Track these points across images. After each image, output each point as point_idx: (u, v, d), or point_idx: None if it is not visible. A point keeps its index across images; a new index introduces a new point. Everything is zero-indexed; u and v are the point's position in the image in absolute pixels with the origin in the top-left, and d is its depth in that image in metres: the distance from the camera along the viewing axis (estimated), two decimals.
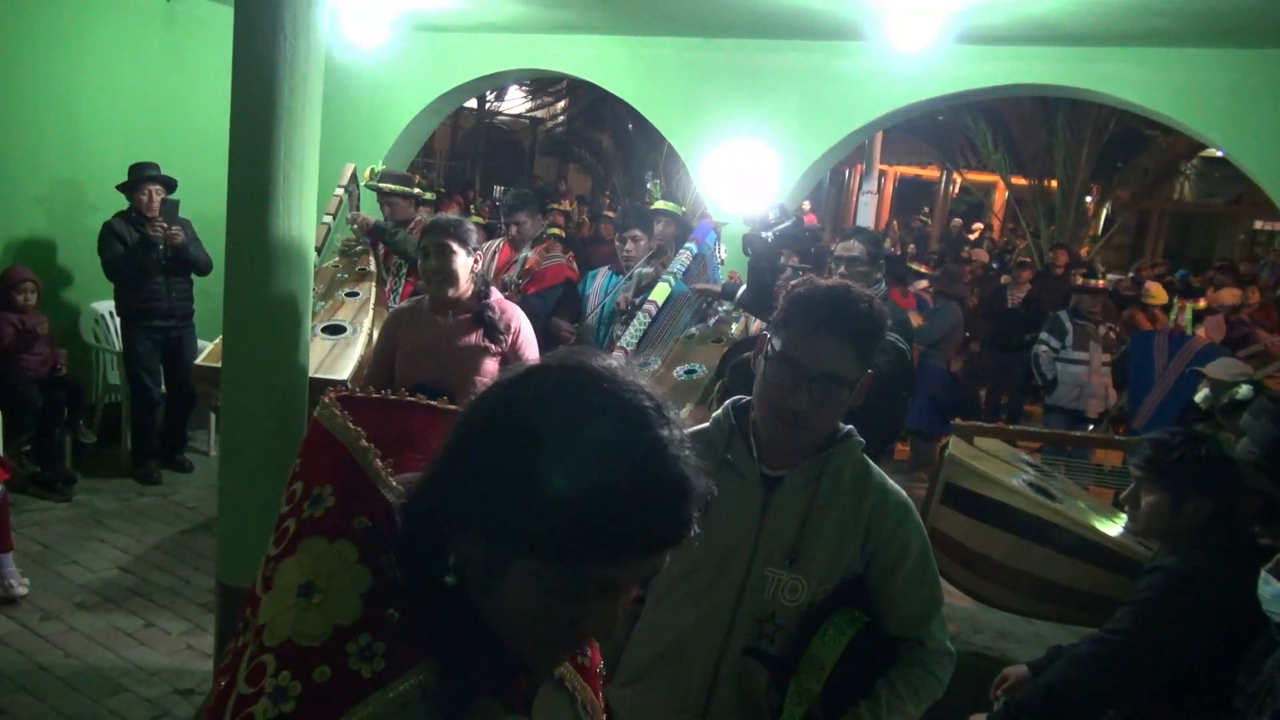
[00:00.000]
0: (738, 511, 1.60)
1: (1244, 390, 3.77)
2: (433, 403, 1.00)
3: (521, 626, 0.79)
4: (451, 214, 3.18)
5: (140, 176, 5.17)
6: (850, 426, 1.67)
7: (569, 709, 0.95)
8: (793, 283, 1.66)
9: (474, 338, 2.99)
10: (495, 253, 4.90)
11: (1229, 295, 7.85)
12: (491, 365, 3.02)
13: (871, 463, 1.66)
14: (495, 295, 3.11)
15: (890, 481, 1.65)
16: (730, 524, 1.59)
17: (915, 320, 6.11)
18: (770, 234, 3.77)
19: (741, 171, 5.50)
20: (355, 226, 5.18)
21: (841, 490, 1.59)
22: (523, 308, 3.45)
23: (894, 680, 1.58)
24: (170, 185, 5.25)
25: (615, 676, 1.74)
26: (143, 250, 5.13)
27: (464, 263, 2.98)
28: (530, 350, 3.10)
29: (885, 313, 1.59)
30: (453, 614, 0.80)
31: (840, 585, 1.58)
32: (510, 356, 3.05)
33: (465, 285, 2.99)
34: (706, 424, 1.71)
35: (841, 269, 3.75)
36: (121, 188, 5.19)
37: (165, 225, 5.13)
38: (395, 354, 3.07)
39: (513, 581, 0.77)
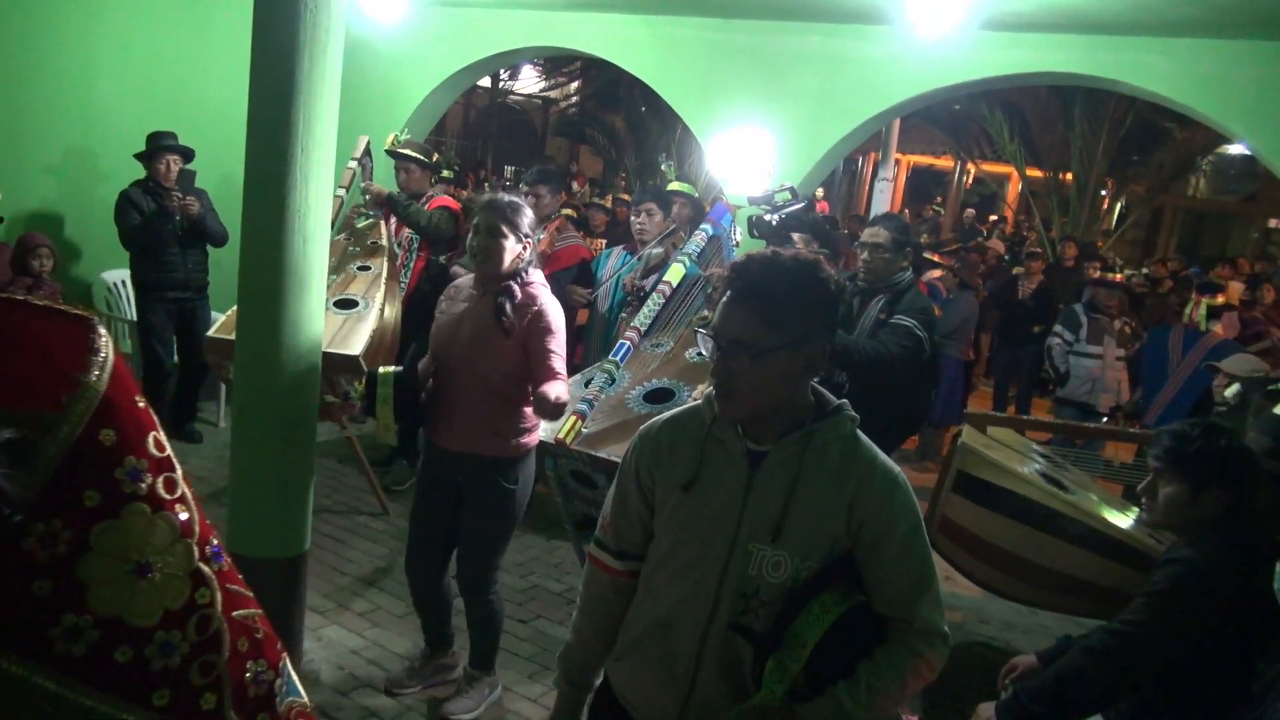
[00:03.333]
0: (723, 487, 1.59)
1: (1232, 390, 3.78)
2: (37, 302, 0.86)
3: None
4: (511, 197, 3.08)
5: (158, 146, 5.16)
6: (842, 401, 1.65)
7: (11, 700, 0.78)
8: None
9: (491, 318, 2.95)
10: None
11: (1232, 291, 7.83)
12: (503, 346, 2.94)
13: (862, 437, 1.63)
14: (534, 278, 3.02)
15: (881, 456, 1.62)
16: (716, 499, 1.59)
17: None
18: (775, 216, 3.74)
19: (755, 156, 5.47)
20: (368, 196, 5.16)
21: (827, 465, 1.58)
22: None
23: (877, 661, 1.55)
24: (188, 155, 5.24)
25: (611, 651, 1.76)
26: (159, 220, 5.12)
27: (511, 247, 2.91)
28: (548, 342, 2.94)
29: (827, 281, 1.55)
30: None
31: (828, 562, 1.56)
32: (530, 345, 2.93)
33: (504, 266, 2.94)
34: (698, 400, 1.70)
35: (865, 255, 3.72)
36: (139, 157, 5.18)
37: (181, 195, 5.12)
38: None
39: None
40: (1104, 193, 13.48)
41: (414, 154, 5.24)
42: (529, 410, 3.00)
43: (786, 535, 1.55)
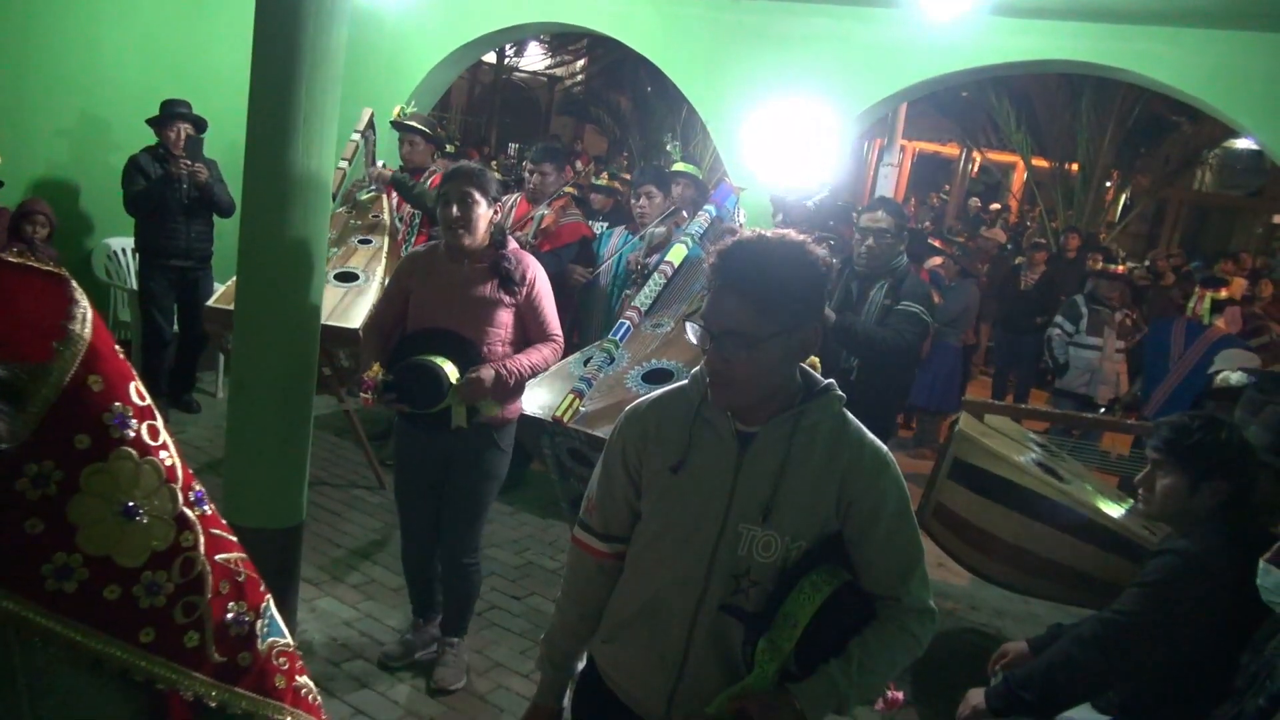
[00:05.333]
0: (713, 467, 1.59)
1: (1236, 377, 3.77)
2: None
3: None
4: (474, 163, 3.10)
5: (171, 113, 5.12)
6: (830, 380, 1.64)
7: None
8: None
9: (488, 288, 2.96)
10: (512, 207, 4.86)
11: (1236, 286, 7.81)
12: (505, 316, 2.99)
13: (850, 416, 1.63)
14: (512, 245, 3.07)
15: (869, 435, 1.62)
16: (706, 480, 1.59)
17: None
18: (813, 202, 3.72)
19: (770, 139, 5.45)
20: (373, 174, 5.14)
21: (817, 445, 1.57)
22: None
23: (868, 639, 1.56)
24: (200, 125, 5.20)
25: (597, 633, 1.76)
26: (165, 186, 5.10)
27: (484, 213, 2.94)
28: (545, 303, 3.05)
29: (816, 262, 1.53)
30: None
31: (818, 542, 1.57)
32: (524, 309, 3.01)
33: (483, 235, 2.95)
34: (684, 381, 1.69)
35: (870, 240, 3.71)
36: (151, 122, 5.15)
37: (189, 162, 5.09)
38: (407, 297, 3.04)
39: None
40: (1109, 184, 13.42)
41: (420, 126, 5.22)
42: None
43: (776, 515, 1.55)
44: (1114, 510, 3.46)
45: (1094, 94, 11.51)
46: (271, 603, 1.01)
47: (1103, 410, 6.08)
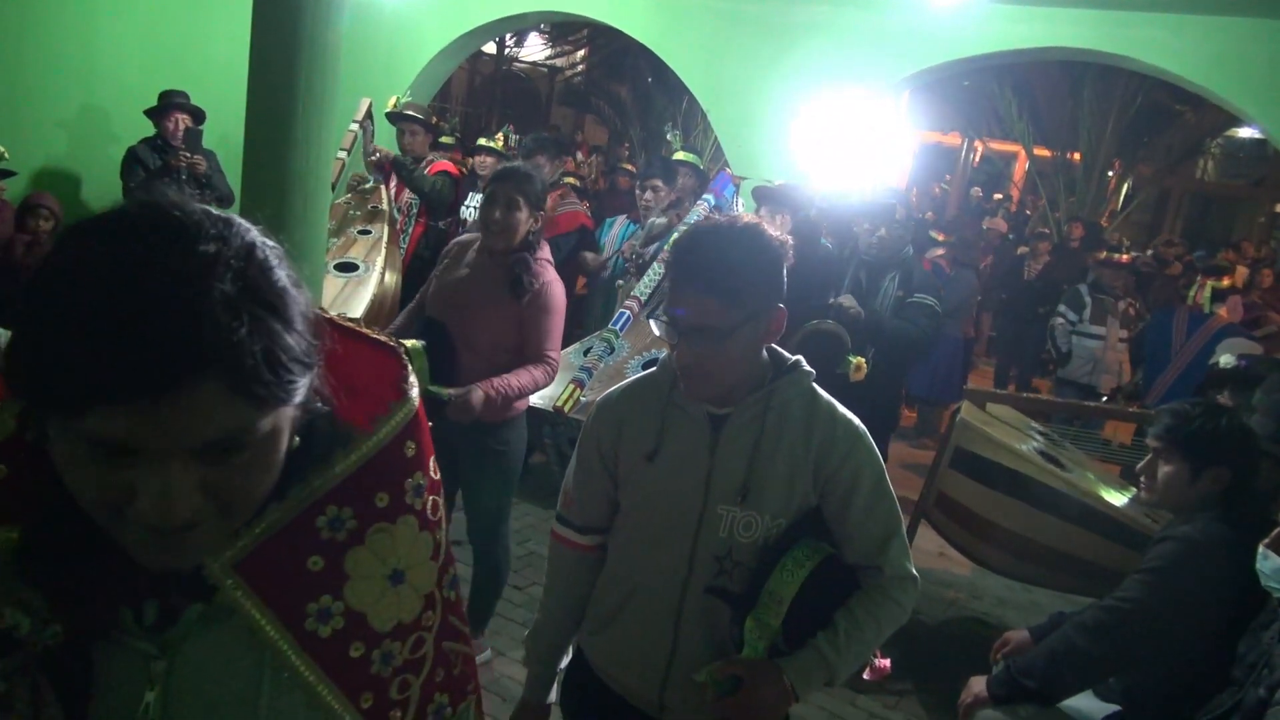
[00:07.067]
0: (688, 452, 1.59)
1: (1225, 359, 3.75)
2: None
3: (74, 494, 0.69)
4: (523, 165, 3.03)
5: (168, 104, 5.11)
6: (798, 357, 1.64)
7: (247, 655, 0.80)
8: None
9: (498, 287, 2.91)
10: None
11: (1238, 275, 7.79)
12: (508, 319, 2.91)
13: (820, 391, 1.63)
14: (543, 253, 2.99)
15: (840, 409, 1.62)
16: (682, 465, 1.59)
17: None
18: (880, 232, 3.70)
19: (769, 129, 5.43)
20: (374, 159, 5.12)
21: (789, 422, 1.58)
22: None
23: (853, 609, 1.57)
24: (198, 116, 5.18)
25: (583, 626, 1.76)
26: (162, 177, 5.08)
27: (524, 219, 2.89)
28: (545, 319, 2.93)
29: (772, 242, 1.52)
30: (39, 473, 0.71)
31: (797, 518, 1.57)
32: (526, 320, 2.91)
33: (519, 240, 2.91)
34: (654, 369, 1.69)
35: (883, 230, 3.70)
36: (149, 113, 5.14)
37: (188, 155, 5.07)
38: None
39: (51, 438, 0.67)
40: (1111, 173, 13.39)
41: (416, 115, 5.21)
42: None
43: (754, 495, 1.56)
44: (1116, 498, 3.45)
45: (1096, 83, 11.47)
46: (471, 707, 1.00)
47: (1105, 400, 6.06)
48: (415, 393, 0.89)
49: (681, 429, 1.60)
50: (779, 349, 1.65)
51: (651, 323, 1.46)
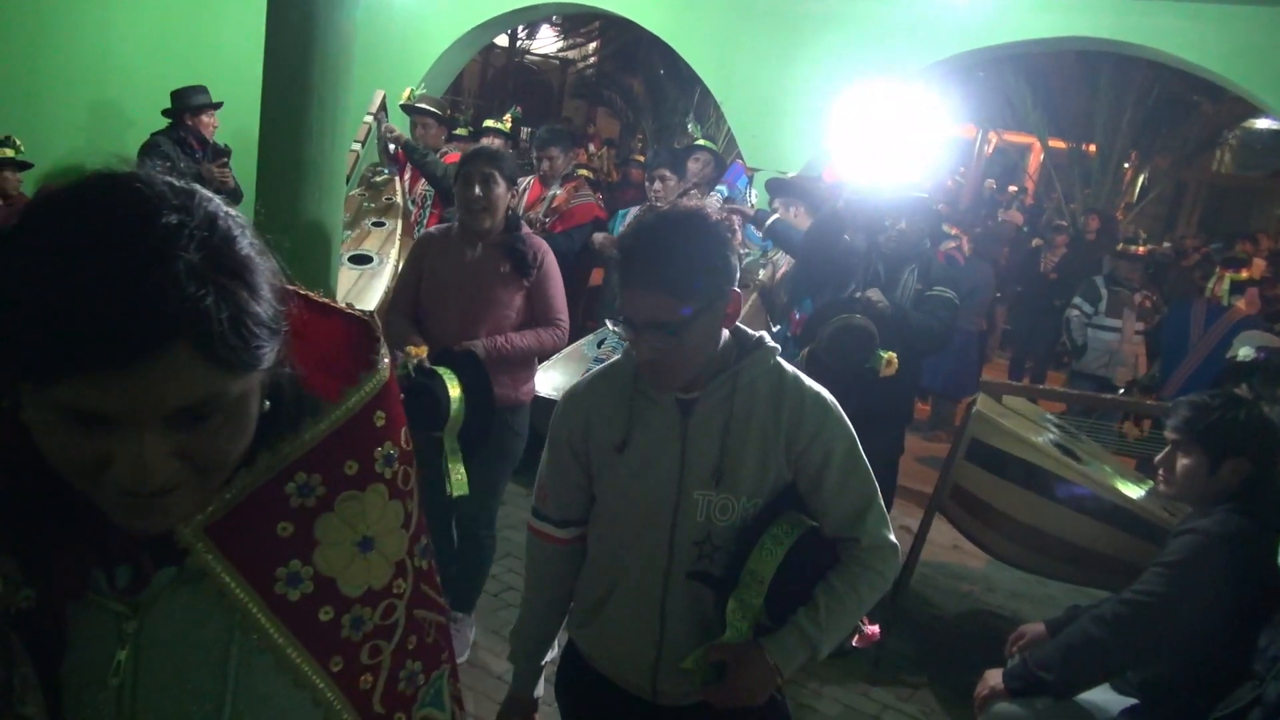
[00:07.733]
0: (659, 439, 1.58)
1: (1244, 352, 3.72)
2: None
3: (50, 460, 0.70)
4: (495, 145, 3.09)
5: (203, 103, 5.07)
6: (761, 334, 1.63)
7: (217, 618, 0.81)
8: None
9: (502, 270, 2.96)
10: (526, 189, 4.85)
11: (1256, 267, 7.72)
12: (516, 298, 2.98)
13: (786, 366, 1.62)
14: (524, 228, 3.07)
15: (807, 382, 1.61)
16: (654, 453, 1.58)
17: None
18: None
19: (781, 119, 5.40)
20: (391, 136, 5.12)
21: (758, 402, 1.57)
22: (549, 245, 3.40)
23: (832, 582, 1.57)
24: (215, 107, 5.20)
25: (570, 621, 1.76)
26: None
27: (502, 195, 2.93)
28: (550, 285, 3.04)
29: (717, 228, 1.51)
30: (11, 438, 0.73)
31: (773, 497, 1.57)
32: (533, 290, 3.01)
33: (500, 217, 2.95)
34: (617, 357, 1.68)
35: (903, 222, 3.68)
36: (176, 111, 5.06)
37: (220, 164, 5.01)
38: (421, 280, 3.03)
39: (24, 405, 0.68)
40: (1127, 165, 13.28)
41: (430, 107, 5.21)
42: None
43: (728, 477, 1.55)
44: (1133, 491, 3.43)
45: (1112, 73, 11.37)
46: (445, 676, 1.01)
47: (1121, 392, 6.02)
48: (385, 364, 0.91)
49: (650, 417, 1.60)
50: (743, 327, 1.64)
51: (608, 322, 1.46)
